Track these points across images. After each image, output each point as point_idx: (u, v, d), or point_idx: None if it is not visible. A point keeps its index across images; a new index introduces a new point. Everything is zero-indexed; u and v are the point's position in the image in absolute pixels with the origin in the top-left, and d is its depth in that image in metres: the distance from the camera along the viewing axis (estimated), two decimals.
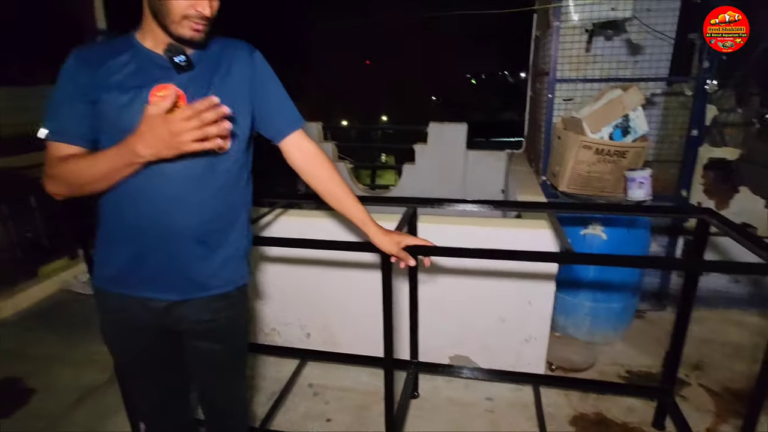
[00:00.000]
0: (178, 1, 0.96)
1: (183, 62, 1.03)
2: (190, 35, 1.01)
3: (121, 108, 1.00)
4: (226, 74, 1.10)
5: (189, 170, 1.04)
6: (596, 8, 2.54)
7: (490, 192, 4.22)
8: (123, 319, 1.16)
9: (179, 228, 1.07)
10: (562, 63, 2.72)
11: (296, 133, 1.23)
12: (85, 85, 1.01)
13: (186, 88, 1.03)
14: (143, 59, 1.04)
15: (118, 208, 1.08)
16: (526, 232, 2.02)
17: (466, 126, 4.22)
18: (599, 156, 2.41)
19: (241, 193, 1.19)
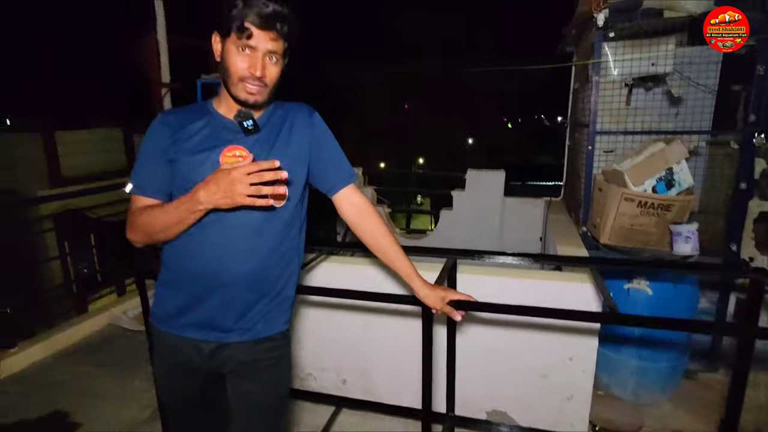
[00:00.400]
0: (234, 65, 1.08)
1: (250, 126, 1.13)
2: (245, 97, 1.11)
3: (194, 167, 1.12)
4: (288, 136, 1.20)
5: (246, 221, 1.14)
6: (636, 64, 2.58)
7: (528, 239, 4.18)
8: (175, 360, 1.23)
9: (233, 275, 1.15)
10: (602, 115, 2.74)
11: (348, 188, 1.30)
12: (166, 146, 1.14)
13: (252, 148, 1.14)
14: (217, 124, 1.16)
15: (179, 254, 1.18)
16: (567, 286, 1.99)
17: (504, 173, 4.25)
18: (642, 209, 2.38)
19: (294, 245, 1.26)
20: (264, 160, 0.99)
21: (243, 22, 1.04)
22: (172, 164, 1.14)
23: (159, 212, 1.10)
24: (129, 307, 3.50)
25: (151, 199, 1.16)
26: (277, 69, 1.12)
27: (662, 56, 2.56)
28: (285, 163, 1.13)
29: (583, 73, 3.09)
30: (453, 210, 4.41)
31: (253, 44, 1.06)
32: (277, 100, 1.25)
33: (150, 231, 1.12)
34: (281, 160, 1.11)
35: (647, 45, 2.59)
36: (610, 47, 2.63)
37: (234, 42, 1.07)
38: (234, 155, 1.12)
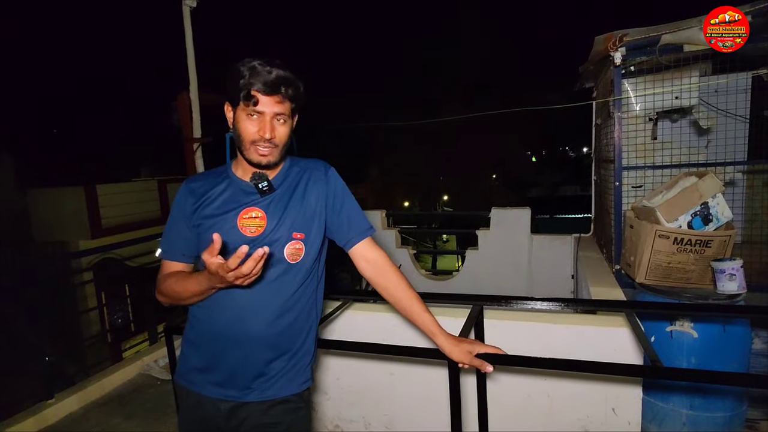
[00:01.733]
0: (245, 130, 1.13)
1: (265, 187, 1.18)
2: (257, 159, 1.15)
3: (215, 230, 1.15)
4: (303, 193, 1.23)
5: (263, 282, 1.16)
6: (659, 98, 2.55)
7: (559, 277, 4.04)
8: (197, 416, 1.23)
9: (252, 333, 1.17)
10: (627, 150, 2.70)
11: (363, 243, 1.30)
12: (189, 213, 1.21)
13: (267, 208, 1.19)
14: (235, 187, 1.22)
15: (202, 313, 1.21)
16: (603, 332, 1.89)
17: (529, 211, 4.18)
18: (679, 246, 2.27)
19: (312, 300, 1.27)
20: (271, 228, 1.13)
21: (249, 91, 1.10)
22: (197, 229, 1.20)
23: (181, 285, 1.17)
24: (160, 356, 3.53)
25: (178, 264, 1.23)
26: (285, 129, 1.17)
27: (686, 89, 2.53)
28: (299, 220, 1.20)
29: (604, 109, 3.07)
30: (479, 250, 4.34)
31: (260, 109, 1.12)
32: (292, 157, 1.29)
33: (175, 297, 1.19)
34: (295, 217, 1.18)
35: (669, 78, 2.57)
36: (630, 83, 2.62)
37: (243, 109, 1.13)
38: (250, 217, 1.17)
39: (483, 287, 4.15)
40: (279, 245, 1.18)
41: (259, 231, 1.17)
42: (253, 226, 1.17)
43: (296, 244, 1.20)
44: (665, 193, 2.39)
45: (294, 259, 1.20)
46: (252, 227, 1.17)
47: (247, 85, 1.10)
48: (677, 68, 2.56)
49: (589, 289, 2.53)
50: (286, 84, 1.12)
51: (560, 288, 4.04)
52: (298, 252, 1.20)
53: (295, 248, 1.20)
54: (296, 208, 1.21)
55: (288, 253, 1.19)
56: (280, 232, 1.18)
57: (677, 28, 2.39)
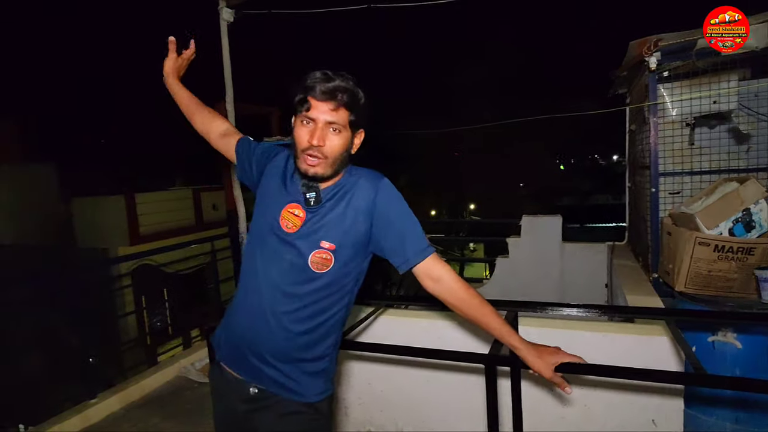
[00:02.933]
0: (298, 137, 1.13)
1: (311, 199, 1.17)
2: (304, 168, 1.13)
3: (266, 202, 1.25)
4: (345, 208, 1.18)
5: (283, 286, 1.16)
6: (696, 102, 2.50)
7: (592, 286, 3.96)
8: (224, 408, 1.27)
9: (266, 337, 1.18)
10: (663, 156, 2.64)
11: (425, 262, 1.19)
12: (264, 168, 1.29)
13: (309, 210, 1.18)
14: (298, 183, 1.21)
15: (231, 310, 1.27)
16: (642, 340, 1.85)
17: (561, 218, 4.13)
18: (720, 253, 2.21)
19: (335, 313, 1.22)
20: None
21: (305, 97, 1.10)
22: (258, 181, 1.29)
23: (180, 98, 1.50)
24: (196, 359, 3.63)
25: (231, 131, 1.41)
26: (339, 140, 1.12)
27: (724, 93, 2.47)
28: (333, 231, 1.17)
29: (639, 115, 3.02)
30: (509, 258, 4.30)
31: (312, 116, 1.10)
32: (352, 166, 1.24)
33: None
34: (329, 231, 1.16)
35: (707, 83, 2.51)
36: (666, 88, 2.57)
37: (298, 117, 1.13)
38: (293, 213, 1.18)
39: (514, 295, 4.09)
40: (305, 250, 1.16)
41: (293, 229, 1.17)
42: (290, 223, 1.18)
43: (323, 254, 1.15)
44: (705, 200, 2.33)
45: (319, 268, 1.16)
46: (290, 223, 1.18)
47: (302, 91, 1.11)
48: (714, 72, 2.50)
49: (626, 297, 2.48)
50: (342, 91, 1.09)
51: (594, 297, 3.95)
52: (324, 262, 1.16)
53: (322, 257, 1.15)
54: (335, 219, 1.17)
55: (313, 260, 1.15)
56: (309, 238, 1.16)
57: None
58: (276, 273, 1.17)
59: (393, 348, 1.54)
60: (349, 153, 1.18)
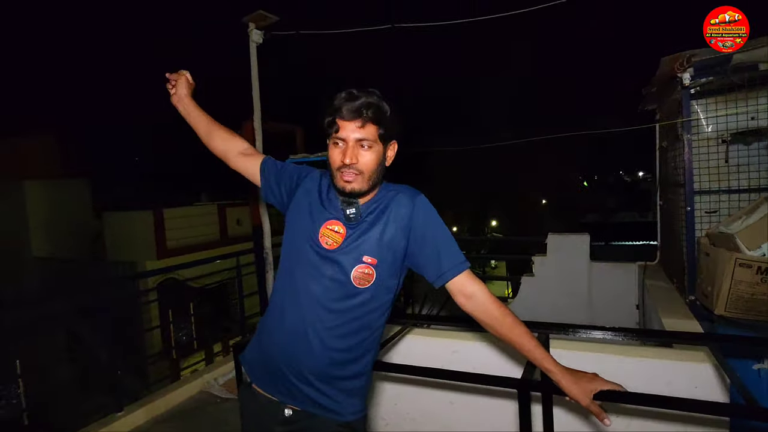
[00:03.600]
0: (331, 158, 1.16)
1: (352, 215, 1.19)
2: (342, 185, 1.15)
3: (300, 221, 1.24)
4: (385, 223, 1.19)
5: (325, 301, 1.16)
6: (732, 119, 2.43)
7: (622, 307, 3.83)
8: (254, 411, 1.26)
9: (305, 352, 1.16)
10: (698, 174, 2.56)
11: (459, 277, 1.19)
12: (296, 193, 1.28)
13: (349, 226, 1.19)
14: (334, 197, 1.23)
15: (269, 321, 1.25)
16: (682, 367, 1.76)
17: (588, 237, 4.03)
18: (763, 276, 2.11)
19: (374, 329, 1.23)
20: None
21: (333, 119, 1.14)
22: (288, 205, 1.29)
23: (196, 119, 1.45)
24: (219, 374, 3.65)
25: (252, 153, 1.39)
26: (371, 155, 1.15)
27: (763, 109, 2.39)
28: (374, 246, 1.17)
29: (671, 131, 2.94)
30: (535, 277, 4.21)
31: (342, 136, 1.13)
32: (387, 183, 1.26)
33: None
34: (370, 245, 1.17)
35: (743, 98, 2.44)
36: (700, 104, 2.51)
37: (331, 139, 1.16)
38: (332, 230, 1.19)
39: (540, 315, 4.00)
40: (348, 266, 1.16)
41: (333, 246, 1.17)
42: (331, 239, 1.18)
43: (366, 269, 1.16)
44: (745, 219, 2.23)
45: (361, 283, 1.16)
46: (330, 240, 1.18)
47: (330, 114, 1.14)
48: (752, 88, 2.43)
49: (661, 320, 2.38)
50: (367, 107, 1.12)
51: (624, 318, 3.82)
52: (366, 277, 1.16)
53: (364, 272, 1.16)
54: (375, 234, 1.18)
55: (355, 275, 1.16)
56: (351, 253, 1.17)
57: (751, 47, 2.28)
58: (318, 289, 1.17)
59: (423, 370, 1.50)
60: (384, 166, 1.20)
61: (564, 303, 3.99)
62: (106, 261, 6.71)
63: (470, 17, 3.11)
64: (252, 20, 3.94)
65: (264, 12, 3.91)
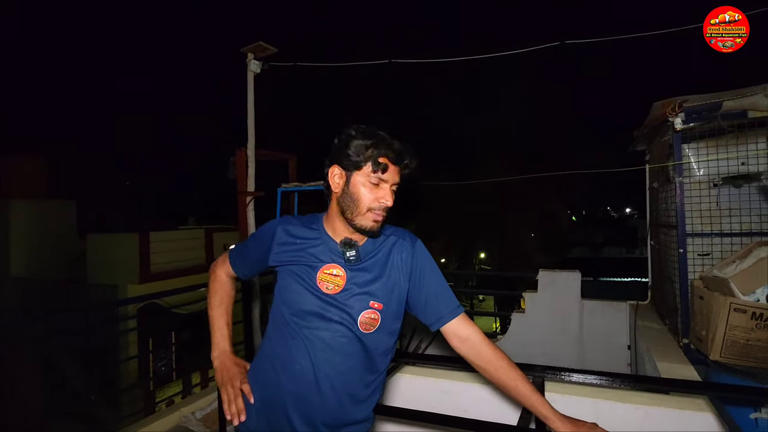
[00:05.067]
0: (365, 196, 1.12)
1: (352, 257, 1.16)
2: (371, 226, 1.13)
3: (294, 275, 1.17)
4: (385, 264, 1.19)
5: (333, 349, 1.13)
6: (723, 163, 2.47)
7: (613, 347, 3.77)
8: None
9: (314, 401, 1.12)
10: (691, 217, 2.57)
11: (455, 321, 1.21)
12: (272, 249, 1.20)
13: (349, 269, 1.16)
14: (324, 245, 1.18)
15: (269, 366, 1.18)
16: (680, 415, 1.71)
17: (579, 274, 4.00)
18: (758, 321, 2.09)
19: (380, 373, 1.21)
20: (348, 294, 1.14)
21: (378, 158, 1.11)
22: (276, 269, 1.21)
23: (210, 304, 1.32)
24: (197, 408, 3.47)
25: (232, 269, 1.32)
26: (393, 198, 1.16)
27: (753, 154, 2.44)
28: (379, 290, 1.16)
29: (662, 173, 2.98)
30: (526, 314, 4.15)
31: (385, 178, 1.12)
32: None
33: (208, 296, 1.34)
34: (376, 287, 1.14)
35: (733, 143, 2.49)
36: (691, 148, 2.55)
37: (366, 176, 1.12)
38: (331, 273, 1.15)
39: (531, 352, 3.92)
40: (354, 311, 1.14)
41: (336, 290, 1.14)
42: (331, 284, 1.14)
43: (372, 314, 1.15)
44: (739, 263, 2.23)
45: (367, 328, 1.15)
46: (330, 284, 1.14)
47: (375, 153, 1.11)
48: (741, 133, 2.48)
49: (656, 363, 2.34)
50: (411, 156, 1.15)
51: (615, 359, 3.76)
52: (372, 322, 1.15)
53: (371, 318, 1.15)
54: (379, 278, 1.17)
55: (362, 321, 1.14)
56: (357, 298, 1.14)
57: (740, 95, 2.35)
58: (325, 335, 1.13)
59: (416, 414, 1.45)
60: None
61: (554, 341, 3.92)
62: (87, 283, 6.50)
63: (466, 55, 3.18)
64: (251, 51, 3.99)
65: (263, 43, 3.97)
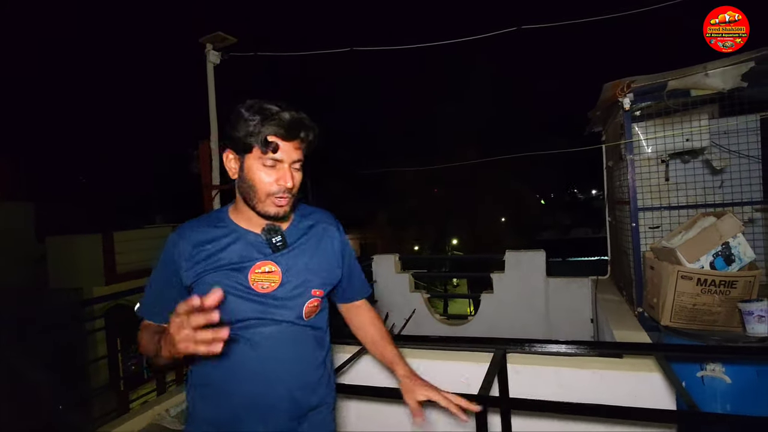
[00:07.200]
0: (261, 181, 1.01)
1: (279, 243, 1.08)
2: (275, 211, 1.04)
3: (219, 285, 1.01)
4: (317, 246, 1.16)
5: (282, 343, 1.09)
6: (669, 140, 2.59)
7: (577, 321, 3.94)
8: None
9: (275, 400, 1.08)
10: (641, 192, 2.71)
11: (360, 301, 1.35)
12: (184, 267, 1.06)
13: (281, 262, 1.09)
14: (243, 240, 1.08)
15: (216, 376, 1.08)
16: (632, 377, 1.82)
17: (544, 253, 4.15)
18: (703, 287, 2.23)
19: (327, 353, 1.22)
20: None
21: (266, 137, 0.98)
22: (194, 285, 1.06)
23: (144, 341, 1.08)
24: (171, 405, 3.43)
25: (157, 325, 1.10)
26: (300, 175, 1.06)
27: (696, 131, 2.57)
28: (316, 277, 1.13)
29: (615, 152, 3.12)
30: (494, 293, 4.28)
31: (279, 157, 1.00)
32: (300, 205, 1.20)
33: (146, 354, 1.08)
34: (313, 273, 1.13)
35: (679, 121, 2.62)
36: (640, 127, 2.67)
37: (257, 158, 1.01)
38: (263, 271, 1.07)
39: (500, 332, 4.05)
40: (298, 302, 1.10)
41: (272, 287, 1.07)
42: (266, 282, 1.06)
43: (314, 302, 1.13)
44: (684, 234, 2.37)
45: (310, 315, 1.13)
46: (265, 283, 1.06)
47: (262, 131, 0.98)
48: (686, 111, 2.62)
49: (613, 332, 2.47)
50: (305, 128, 1.02)
51: (580, 332, 3.93)
52: (315, 309, 1.14)
53: (314, 306, 1.13)
54: (313, 264, 1.13)
55: (306, 312, 1.11)
56: (298, 290, 1.10)
57: (683, 75, 2.47)
58: (270, 330, 1.08)
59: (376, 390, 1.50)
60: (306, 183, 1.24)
61: (522, 318, 4.07)
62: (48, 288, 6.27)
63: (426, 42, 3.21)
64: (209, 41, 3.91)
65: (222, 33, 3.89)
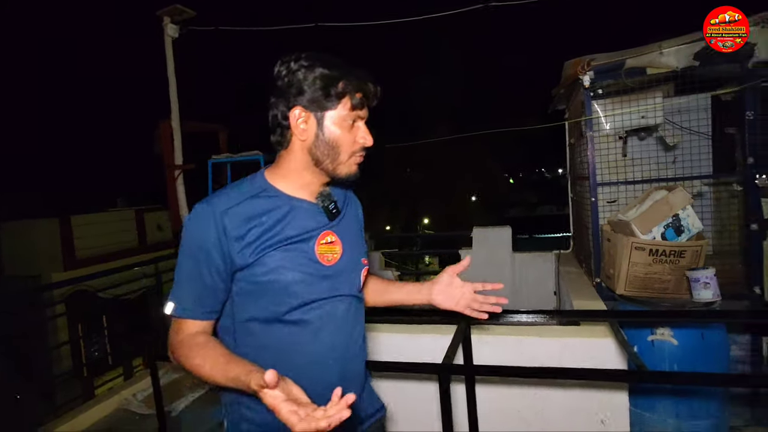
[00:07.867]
0: (346, 139, 0.95)
1: (333, 209, 1.02)
2: (355, 171, 0.99)
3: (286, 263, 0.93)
4: (355, 215, 1.14)
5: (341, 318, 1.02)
6: (626, 117, 2.68)
7: (542, 294, 4.10)
8: None
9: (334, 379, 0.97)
10: (600, 167, 2.81)
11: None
12: (240, 250, 0.90)
13: (338, 232, 1.02)
14: (297, 208, 0.98)
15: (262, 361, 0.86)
16: (588, 342, 1.92)
17: (510, 229, 4.27)
18: (654, 257, 2.36)
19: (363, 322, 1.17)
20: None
21: (356, 93, 0.94)
22: (246, 267, 0.91)
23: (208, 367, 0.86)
24: (138, 389, 3.39)
25: (199, 323, 0.93)
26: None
27: (651, 108, 2.67)
28: (361, 244, 1.11)
29: (576, 129, 3.21)
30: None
31: (363, 114, 0.98)
32: None
33: (195, 373, 0.88)
34: (359, 240, 1.10)
35: (635, 99, 2.71)
36: (600, 104, 2.75)
37: (342, 116, 0.94)
38: (327, 242, 0.99)
39: None
40: (358, 274, 1.06)
41: (335, 259, 1.00)
42: (330, 254, 0.99)
43: (366, 272, 1.09)
44: (639, 207, 2.49)
45: (360, 288, 1.09)
46: (329, 255, 0.99)
47: (352, 88, 0.93)
48: (642, 90, 2.71)
49: (572, 302, 2.59)
50: (376, 84, 0.98)
51: (544, 304, 4.09)
52: (365, 281, 1.11)
53: (365, 276, 1.10)
54: (356, 232, 1.11)
55: (362, 283, 1.09)
56: (355, 260, 1.05)
57: (639, 53, 2.55)
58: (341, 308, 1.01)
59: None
60: None
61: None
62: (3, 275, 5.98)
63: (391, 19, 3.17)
64: (167, 14, 3.74)
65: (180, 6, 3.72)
